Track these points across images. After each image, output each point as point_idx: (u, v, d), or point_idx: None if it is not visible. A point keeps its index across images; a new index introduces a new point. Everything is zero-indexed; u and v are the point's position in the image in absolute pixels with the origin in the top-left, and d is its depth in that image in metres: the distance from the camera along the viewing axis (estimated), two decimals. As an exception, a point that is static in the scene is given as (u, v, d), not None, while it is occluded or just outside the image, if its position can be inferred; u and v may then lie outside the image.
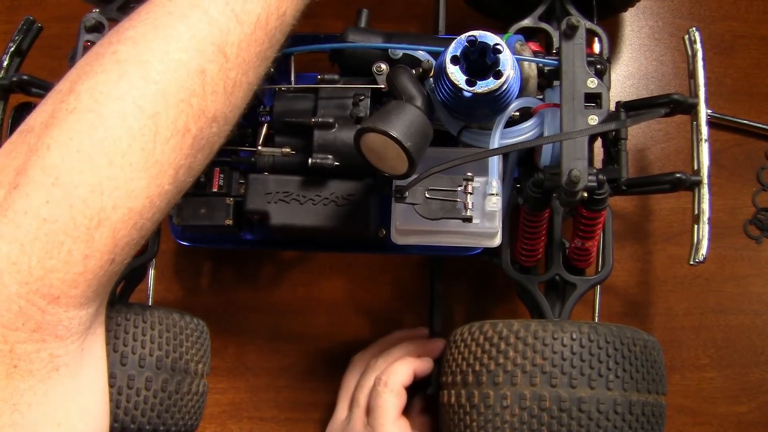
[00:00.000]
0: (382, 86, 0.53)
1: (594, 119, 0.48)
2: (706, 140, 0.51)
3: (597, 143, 0.56)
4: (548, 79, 0.52)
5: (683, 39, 0.55)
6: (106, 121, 0.38)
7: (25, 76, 0.54)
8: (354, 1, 0.59)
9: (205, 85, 0.40)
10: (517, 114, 0.52)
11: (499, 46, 0.47)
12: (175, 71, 0.39)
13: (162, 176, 0.39)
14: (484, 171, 0.50)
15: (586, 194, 0.47)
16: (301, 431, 0.67)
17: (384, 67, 0.53)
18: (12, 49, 0.56)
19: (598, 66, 0.53)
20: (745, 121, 0.70)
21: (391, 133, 0.44)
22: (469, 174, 0.49)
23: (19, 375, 0.37)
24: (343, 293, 0.69)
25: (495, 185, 0.50)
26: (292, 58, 0.55)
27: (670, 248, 0.69)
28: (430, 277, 0.67)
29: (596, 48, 0.57)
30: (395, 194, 0.48)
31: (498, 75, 0.46)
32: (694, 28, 0.54)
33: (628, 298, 0.68)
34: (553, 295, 0.55)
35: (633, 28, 0.73)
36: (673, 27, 0.73)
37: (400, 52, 0.53)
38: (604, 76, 0.54)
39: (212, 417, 0.67)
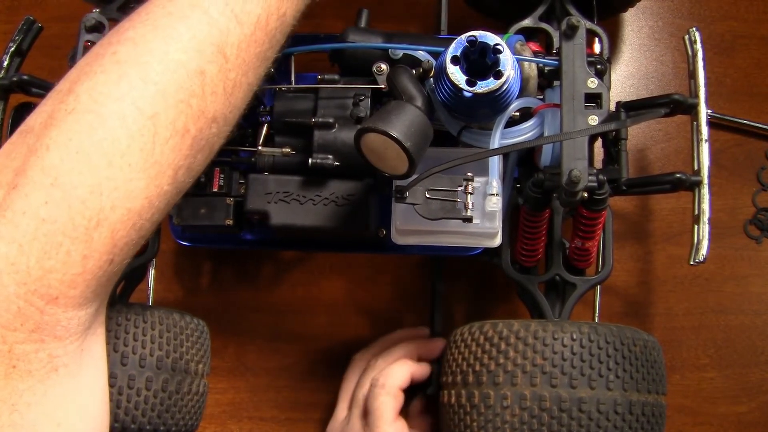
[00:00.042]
0: (383, 86, 0.53)
1: (594, 119, 0.48)
2: (706, 140, 0.51)
3: (597, 143, 0.56)
4: (548, 79, 0.52)
5: (683, 39, 0.55)
6: (105, 122, 0.38)
7: (26, 76, 0.54)
8: (354, 1, 0.59)
9: (204, 86, 0.40)
10: (518, 114, 0.52)
11: (499, 46, 0.47)
12: (174, 72, 0.39)
13: (161, 177, 0.39)
14: (484, 171, 0.50)
15: (586, 194, 0.47)
16: (301, 431, 0.67)
17: (384, 67, 0.53)
18: (12, 49, 0.56)
19: (599, 66, 0.53)
20: (745, 121, 0.70)
21: (392, 133, 0.44)
22: (470, 174, 0.49)
23: (18, 375, 0.37)
24: (343, 293, 0.69)
25: (495, 185, 0.50)
26: (293, 58, 0.55)
27: (670, 248, 0.69)
28: (431, 277, 0.67)
29: (596, 48, 0.56)
30: (395, 194, 0.48)
31: (498, 75, 0.46)
32: (694, 28, 0.54)
33: (628, 298, 0.68)
34: (553, 295, 0.55)
35: (633, 28, 0.73)
36: (673, 27, 0.73)
37: (400, 52, 0.53)
38: (604, 76, 0.54)
39: (212, 417, 0.67)
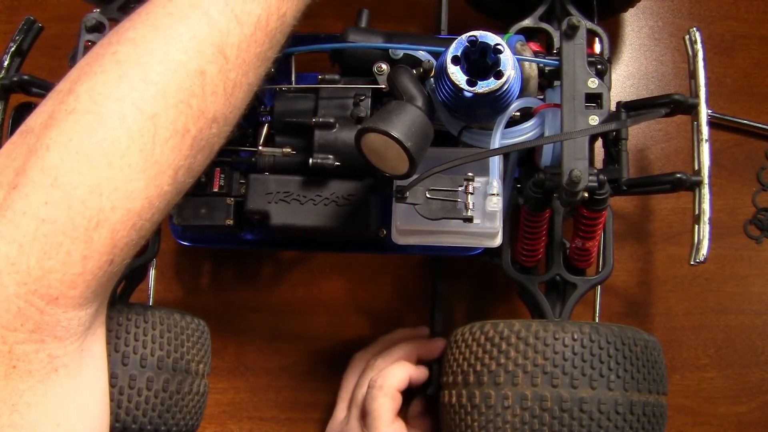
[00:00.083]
0: (383, 86, 0.53)
1: (595, 119, 0.48)
2: (706, 140, 0.51)
3: (597, 143, 0.56)
4: (549, 79, 0.52)
5: (684, 39, 0.55)
6: (105, 122, 0.38)
7: (26, 76, 0.54)
8: (354, 1, 0.59)
9: (204, 86, 0.40)
10: (518, 114, 0.52)
11: (499, 46, 0.47)
12: (174, 72, 0.39)
13: (161, 177, 0.39)
14: (484, 171, 0.50)
15: (586, 194, 0.47)
16: (301, 431, 0.67)
17: (385, 67, 0.53)
18: (13, 49, 0.56)
19: (599, 66, 0.53)
20: (745, 121, 0.70)
21: (392, 133, 0.44)
22: (470, 174, 0.49)
23: (18, 375, 0.37)
24: (343, 293, 0.69)
25: (496, 185, 0.50)
26: (293, 58, 0.55)
27: (670, 248, 0.69)
28: (431, 277, 0.67)
29: (597, 48, 0.56)
30: (396, 194, 0.48)
31: (499, 75, 0.46)
32: (694, 28, 0.54)
33: (628, 298, 0.68)
34: (554, 296, 0.55)
35: (633, 28, 0.73)
36: (673, 27, 0.73)
37: (400, 52, 0.53)
38: (604, 76, 0.54)
39: (212, 417, 0.67)
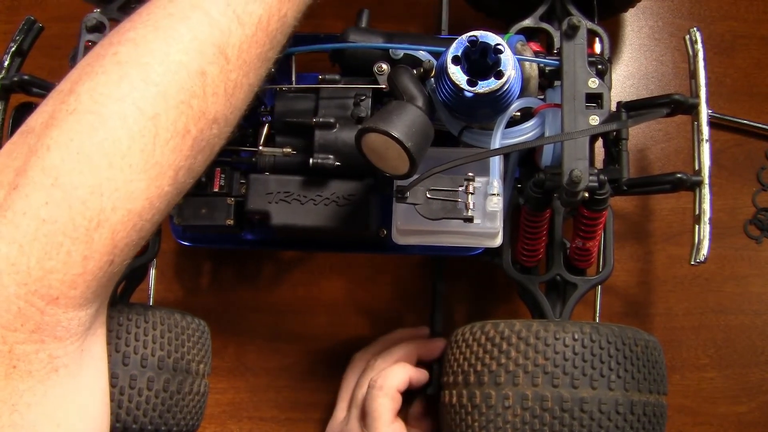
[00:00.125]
0: (383, 86, 0.53)
1: (595, 119, 0.48)
2: (707, 140, 0.51)
3: (598, 143, 0.56)
4: (549, 79, 0.52)
5: (684, 39, 0.55)
6: (106, 123, 0.38)
7: (26, 76, 0.54)
8: (354, 1, 0.59)
9: (205, 87, 0.40)
10: (518, 114, 0.52)
11: (500, 46, 0.47)
12: (175, 73, 0.39)
13: (162, 178, 0.39)
14: (485, 171, 0.50)
15: (587, 194, 0.47)
16: (301, 431, 0.67)
17: (385, 67, 0.53)
18: (13, 49, 0.56)
19: (599, 66, 0.53)
20: (745, 121, 0.70)
21: (393, 134, 0.44)
22: (470, 174, 0.49)
23: (18, 376, 0.37)
24: (343, 293, 0.69)
25: (496, 185, 0.50)
26: (293, 58, 0.55)
27: (670, 248, 0.69)
28: (431, 277, 0.67)
29: (597, 48, 0.56)
30: (396, 194, 0.48)
31: (499, 75, 0.46)
32: (695, 29, 0.54)
33: (628, 298, 0.68)
34: (554, 296, 0.55)
35: (633, 28, 0.73)
36: (673, 27, 0.73)
37: (401, 52, 0.53)
38: (605, 76, 0.54)
39: (212, 417, 0.67)
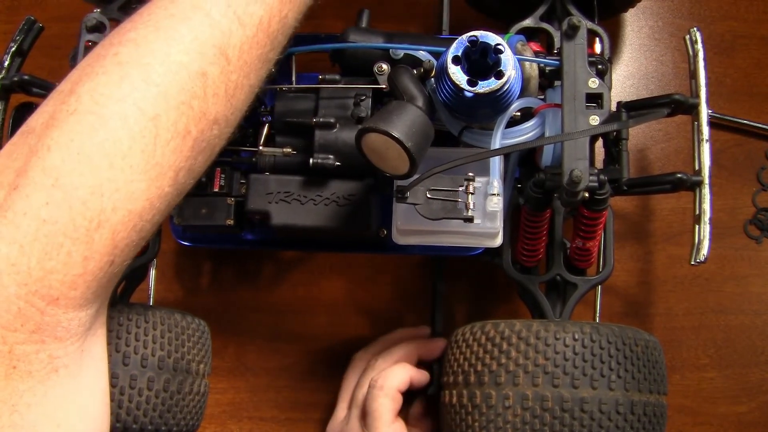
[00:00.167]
0: (384, 86, 0.53)
1: (595, 119, 0.48)
2: (707, 140, 0.51)
3: (598, 143, 0.56)
4: (549, 79, 0.52)
5: (684, 39, 0.55)
6: (106, 123, 0.38)
7: (26, 76, 0.54)
8: (354, 1, 0.59)
9: (206, 88, 0.40)
10: (519, 114, 0.52)
11: (500, 47, 0.47)
12: (176, 73, 0.39)
13: (162, 178, 0.39)
14: (485, 171, 0.50)
15: (587, 194, 0.47)
16: (301, 431, 0.67)
17: (385, 67, 0.53)
18: (13, 49, 0.56)
19: (599, 66, 0.53)
20: (745, 121, 0.70)
21: (393, 134, 0.44)
22: (471, 174, 0.49)
23: (18, 376, 0.37)
24: (343, 293, 0.69)
25: (496, 185, 0.50)
26: (293, 58, 0.55)
27: (670, 248, 0.69)
28: (431, 277, 0.67)
29: (597, 48, 0.56)
30: (396, 194, 0.48)
31: (499, 75, 0.46)
32: (695, 29, 0.54)
33: (628, 298, 0.68)
34: (554, 296, 0.55)
35: (633, 28, 0.73)
36: (673, 27, 0.73)
37: (401, 52, 0.53)
38: (605, 76, 0.54)
39: (212, 417, 0.67)
